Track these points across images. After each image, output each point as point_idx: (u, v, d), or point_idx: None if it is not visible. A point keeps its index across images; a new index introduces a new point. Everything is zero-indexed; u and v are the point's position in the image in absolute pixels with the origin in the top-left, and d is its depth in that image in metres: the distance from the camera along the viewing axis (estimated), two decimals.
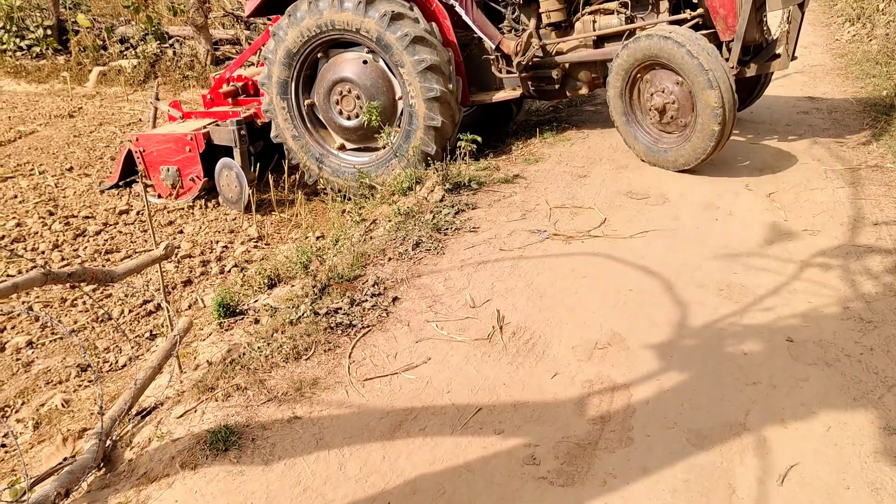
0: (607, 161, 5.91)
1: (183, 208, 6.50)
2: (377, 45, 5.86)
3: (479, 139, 5.75)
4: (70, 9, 12.55)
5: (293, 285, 4.25)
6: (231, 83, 7.29)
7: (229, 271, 5.39)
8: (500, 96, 6.44)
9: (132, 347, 4.35)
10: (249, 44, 11.37)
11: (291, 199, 6.50)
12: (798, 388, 3.04)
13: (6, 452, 3.48)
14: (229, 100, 7.17)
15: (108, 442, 2.94)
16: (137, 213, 6.38)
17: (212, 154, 6.41)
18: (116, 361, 4.29)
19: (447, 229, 4.74)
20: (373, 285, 4.00)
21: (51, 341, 4.50)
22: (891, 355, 3.18)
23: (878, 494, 2.48)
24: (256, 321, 3.90)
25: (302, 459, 2.79)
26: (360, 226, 5.12)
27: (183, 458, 2.80)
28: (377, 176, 6.12)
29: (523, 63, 6.09)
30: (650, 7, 5.85)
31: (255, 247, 5.82)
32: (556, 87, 6.27)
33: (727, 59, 5.39)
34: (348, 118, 6.21)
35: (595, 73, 6.22)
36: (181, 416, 3.08)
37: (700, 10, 5.59)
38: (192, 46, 11.16)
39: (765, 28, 5.93)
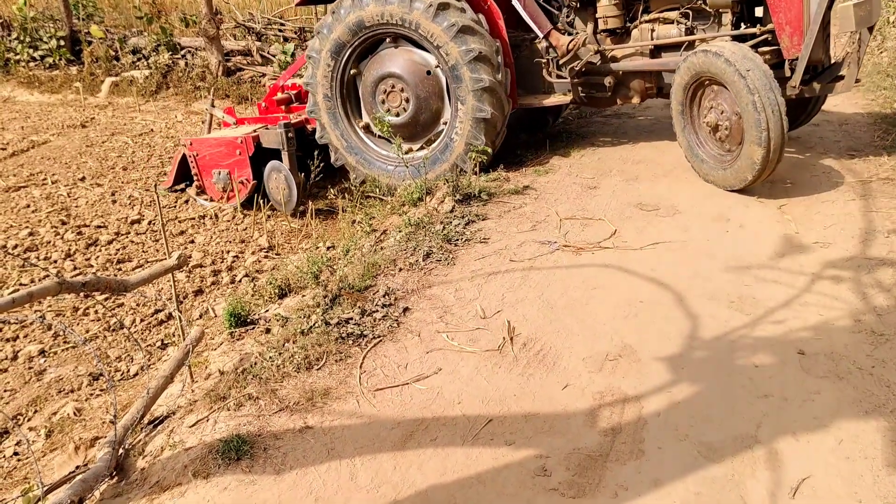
0: (617, 172, 5.92)
1: (194, 218, 6.54)
2: (450, 74, 5.85)
3: (489, 151, 5.77)
4: (83, 20, 12.67)
5: (304, 295, 4.27)
6: (285, 91, 7.37)
7: (240, 281, 5.41)
8: (549, 101, 6.38)
9: (144, 356, 4.37)
10: (261, 55, 11.44)
11: (302, 210, 6.52)
12: (810, 400, 3.03)
13: (19, 460, 3.50)
14: (283, 107, 7.27)
15: (121, 450, 2.96)
16: (149, 222, 6.42)
17: (262, 158, 6.50)
18: (128, 370, 4.31)
19: (457, 240, 4.75)
20: (383, 296, 4.01)
21: (63, 350, 4.53)
22: None
23: None
24: (268, 331, 3.91)
25: (313, 469, 2.80)
26: (370, 236, 5.14)
27: (195, 467, 2.82)
28: (389, 176, 6.13)
29: (576, 69, 6.04)
30: (712, 18, 5.73)
31: (266, 257, 5.85)
32: (609, 94, 6.19)
33: (789, 78, 5.29)
34: (388, 110, 6.20)
35: (649, 84, 6.14)
36: (193, 425, 3.09)
37: (769, 27, 5.41)
38: (204, 57, 11.23)
39: (829, 48, 5.72)
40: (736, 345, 3.46)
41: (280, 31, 12.26)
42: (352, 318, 3.77)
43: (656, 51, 5.99)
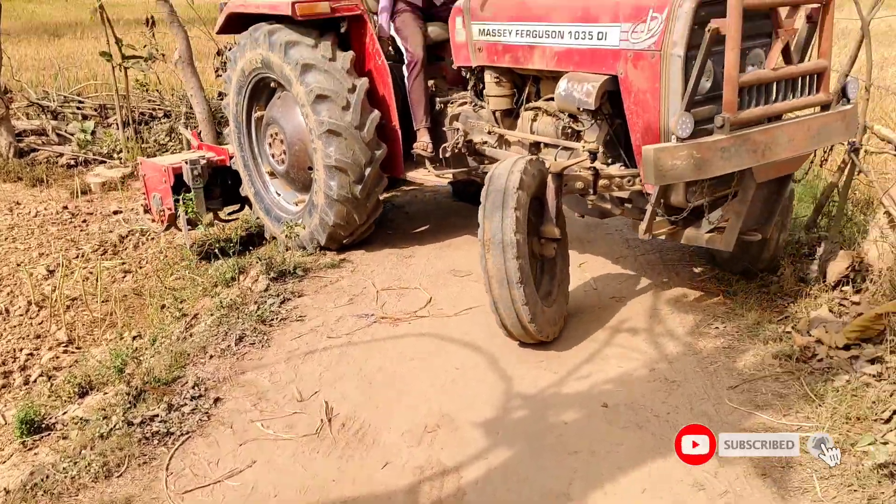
0: (430, 241, 6.05)
1: None
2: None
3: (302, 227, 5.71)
4: None
5: (106, 392, 3.97)
6: None
7: (35, 381, 4.95)
8: (423, 178, 5.56)
9: None
10: (57, 134, 10.79)
11: (105, 300, 6.11)
12: (614, 452, 3.19)
13: None
14: None
15: None
16: None
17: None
18: None
19: (273, 320, 4.64)
20: (193, 387, 3.81)
21: None
22: (693, 412, 3.42)
23: None
24: (65, 437, 3.59)
25: None
26: (180, 322, 4.90)
27: None
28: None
29: (448, 150, 5.31)
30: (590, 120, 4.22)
31: (65, 352, 5.40)
32: None
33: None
34: (276, 159, 6.05)
35: None
36: None
37: (591, 142, 4.20)
38: None
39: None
40: (547, 403, 3.60)
41: (79, 108, 11.61)
42: (157, 415, 3.54)
43: (536, 146, 4.76)
